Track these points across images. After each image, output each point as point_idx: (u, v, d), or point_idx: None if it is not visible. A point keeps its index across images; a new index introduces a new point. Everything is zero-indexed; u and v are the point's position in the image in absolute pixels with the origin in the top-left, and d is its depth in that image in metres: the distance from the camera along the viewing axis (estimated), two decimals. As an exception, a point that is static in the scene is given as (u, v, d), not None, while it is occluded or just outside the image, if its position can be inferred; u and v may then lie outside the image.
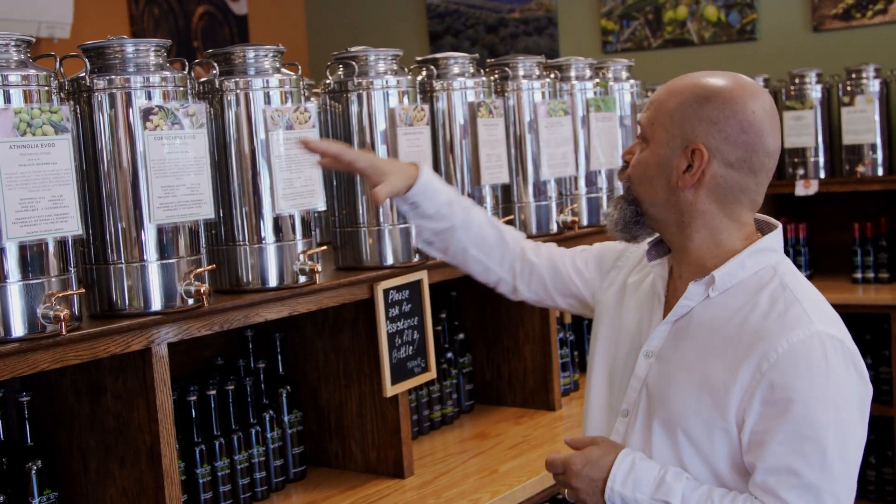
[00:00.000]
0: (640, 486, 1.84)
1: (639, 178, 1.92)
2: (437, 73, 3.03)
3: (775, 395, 1.76)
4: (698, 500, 1.81)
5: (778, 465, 1.76)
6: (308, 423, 2.89)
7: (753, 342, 1.80)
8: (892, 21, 5.25)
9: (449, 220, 2.23)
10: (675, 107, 1.87)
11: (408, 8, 6.76)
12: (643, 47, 5.94)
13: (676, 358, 1.89)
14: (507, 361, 3.38)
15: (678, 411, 1.85)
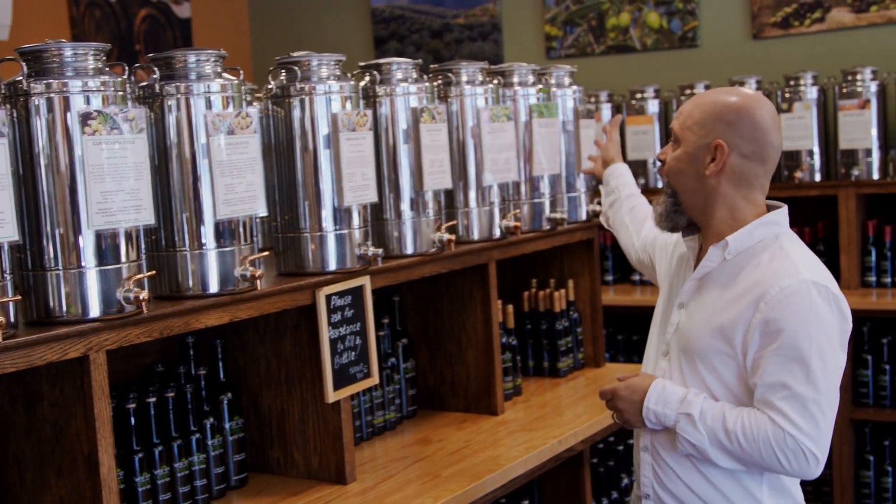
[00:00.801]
0: (669, 404, 2.33)
1: (674, 171, 2.40)
2: (381, 79, 3.03)
3: (769, 328, 2.23)
4: (713, 413, 2.29)
5: (772, 381, 2.22)
6: (249, 430, 2.87)
7: (752, 288, 2.28)
8: (828, 30, 5.34)
9: (619, 193, 3.12)
10: (700, 115, 2.36)
11: (353, 13, 6.75)
12: (586, 53, 5.99)
13: (696, 307, 2.39)
14: (449, 366, 3.39)
15: (698, 348, 2.34)
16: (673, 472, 2.39)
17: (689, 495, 2.38)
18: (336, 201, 2.74)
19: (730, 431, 2.25)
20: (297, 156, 2.73)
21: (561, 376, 3.77)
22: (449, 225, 3.12)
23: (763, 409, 2.24)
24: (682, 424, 2.30)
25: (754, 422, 2.24)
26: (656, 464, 2.42)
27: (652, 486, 2.44)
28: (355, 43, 6.71)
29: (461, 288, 3.32)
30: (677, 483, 2.39)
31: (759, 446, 2.23)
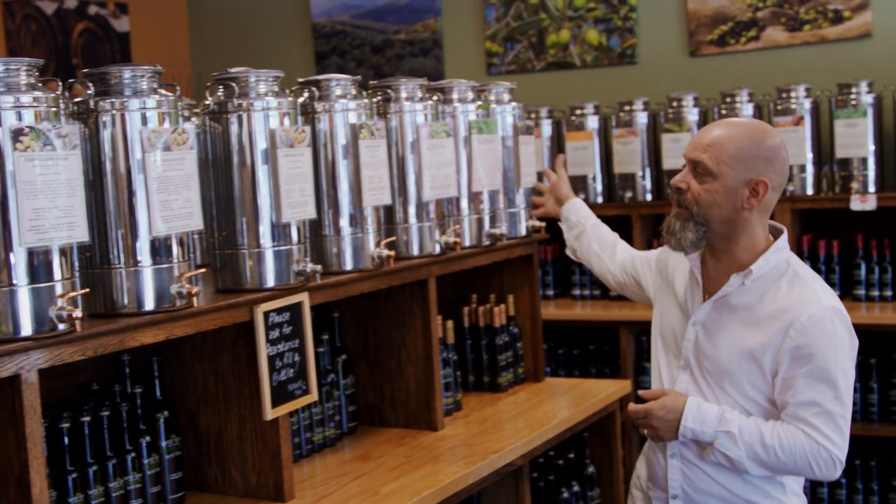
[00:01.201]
0: (707, 422, 2.54)
1: (707, 203, 2.55)
2: (319, 95, 3.03)
3: (800, 353, 2.49)
4: (749, 429, 2.52)
5: (804, 400, 2.49)
6: (186, 448, 2.84)
7: (780, 314, 2.52)
8: (763, 48, 5.44)
9: (583, 226, 3.32)
10: (735, 151, 2.52)
11: (294, 28, 6.74)
12: (527, 70, 6.03)
13: (717, 328, 2.61)
14: (389, 382, 3.39)
15: (725, 366, 2.57)
16: (704, 473, 2.64)
17: (722, 491, 2.63)
18: (274, 217, 2.73)
19: (767, 446, 2.51)
20: (234, 172, 2.72)
21: (501, 391, 3.78)
22: (388, 241, 3.12)
23: (796, 424, 2.51)
24: (721, 441, 2.54)
25: (790, 436, 2.50)
26: (686, 468, 2.66)
27: (682, 488, 2.68)
28: (296, 58, 6.70)
29: (401, 304, 3.33)
30: (709, 483, 2.64)
31: (796, 458, 2.50)
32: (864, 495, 4.88)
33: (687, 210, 2.57)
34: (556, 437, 3.39)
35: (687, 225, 2.57)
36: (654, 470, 2.75)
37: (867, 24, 5.22)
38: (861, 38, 5.25)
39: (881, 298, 4.93)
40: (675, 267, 2.82)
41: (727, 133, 2.55)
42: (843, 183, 4.94)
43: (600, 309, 5.31)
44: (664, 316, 2.80)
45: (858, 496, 4.88)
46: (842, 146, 4.93)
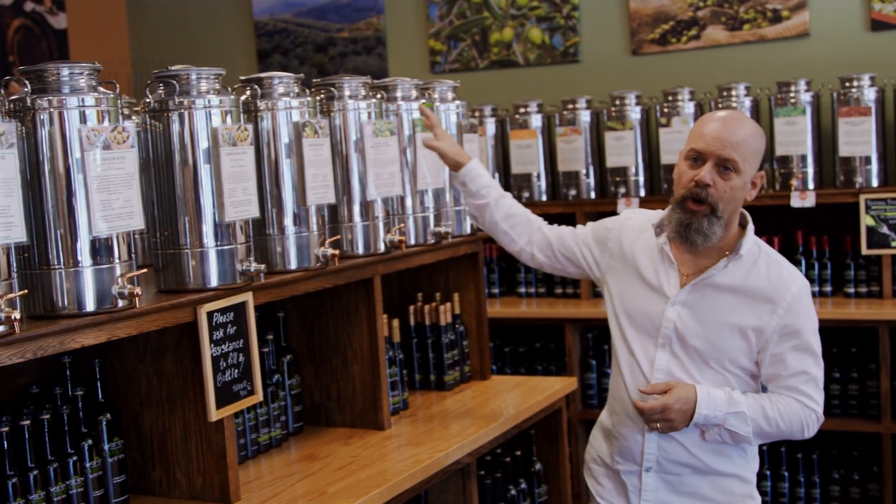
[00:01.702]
0: (718, 406, 2.65)
1: (731, 199, 2.65)
2: (262, 93, 3.00)
3: (788, 329, 2.67)
4: (753, 405, 2.67)
5: (795, 371, 2.68)
6: (130, 451, 2.81)
7: (768, 295, 2.68)
8: (704, 47, 5.49)
9: (485, 198, 3.10)
10: (755, 146, 2.67)
11: (235, 26, 6.68)
12: (471, 68, 6.04)
13: (705, 306, 2.70)
14: (335, 382, 3.37)
15: (716, 343, 2.69)
16: (680, 445, 2.75)
17: (694, 461, 2.75)
18: (217, 217, 2.70)
19: (770, 418, 2.67)
20: (176, 171, 2.68)
21: (447, 389, 3.78)
22: (333, 240, 3.11)
23: (788, 394, 2.70)
24: (731, 421, 2.67)
25: (786, 406, 2.69)
26: (663, 441, 2.75)
27: (656, 460, 2.78)
28: (238, 56, 6.65)
29: (346, 303, 3.31)
30: (683, 454, 2.75)
31: (793, 425, 2.69)
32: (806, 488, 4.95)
33: (709, 206, 2.64)
34: (502, 434, 3.40)
35: (713, 221, 2.65)
36: (626, 444, 2.83)
37: (805, 23, 5.29)
38: (799, 38, 5.33)
39: (821, 294, 5.00)
40: (632, 246, 2.86)
41: (749, 131, 2.67)
42: (783, 180, 5.01)
43: (545, 307, 5.33)
44: (627, 295, 2.84)
45: (800, 489, 4.96)
46: (781, 144, 5.00)
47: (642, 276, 2.81)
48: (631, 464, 2.83)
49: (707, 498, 2.79)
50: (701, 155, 2.66)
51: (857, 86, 4.89)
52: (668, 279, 2.77)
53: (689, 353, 2.73)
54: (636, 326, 2.81)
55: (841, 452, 4.99)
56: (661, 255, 2.79)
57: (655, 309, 2.77)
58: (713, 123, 2.67)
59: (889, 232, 4.76)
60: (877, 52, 5.15)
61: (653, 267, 2.80)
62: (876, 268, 4.88)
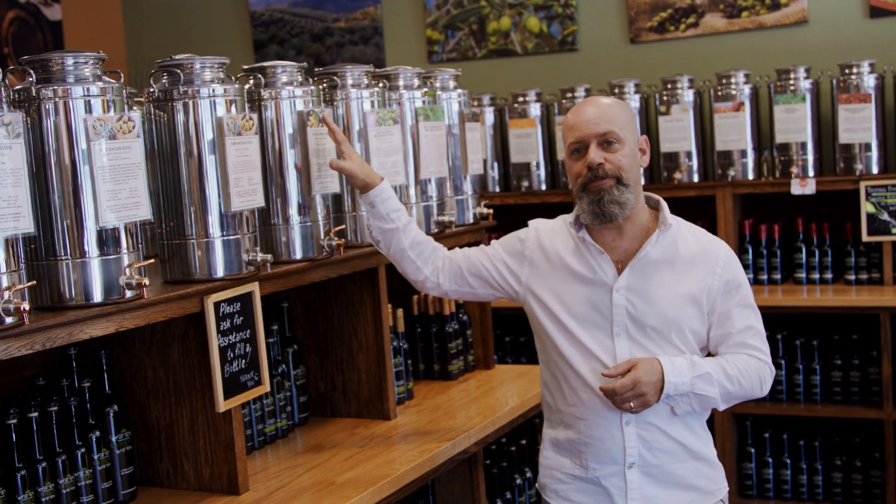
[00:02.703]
0: (683, 372, 2.61)
1: (627, 167, 2.66)
2: (265, 82, 2.99)
3: (730, 285, 2.70)
4: (714, 366, 2.64)
5: (742, 327, 2.70)
6: (137, 443, 2.79)
7: (703, 257, 2.70)
8: (703, 34, 5.48)
9: (394, 223, 2.90)
10: (625, 117, 2.70)
11: (231, 16, 6.65)
12: (468, 57, 6.02)
13: (649, 284, 2.68)
14: (341, 372, 3.36)
15: (672, 317, 2.66)
16: (659, 430, 2.68)
17: (673, 445, 2.70)
18: (223, 207, 2.68)
19: (732, 377, 2.66)
20: (181, 161, 2.66)
21: (452, 379, 3.77)
22: (338, 229, 3.09)
23: (740, 350, 2.70)
24: (699, 385, 2.63)
25: (743, 362, 2.68)
26: (642, 431, 2.68)
27: (638, 454, 2.69)
28: (234, 47, 6.62)
29: (351, 293, 3.30)
30: (663, 439, 2.68)
31: (752, 380, 2.69)
32: (808, 475, 4.95)
33: (612, 178, 2.65)
34: (508, 423, 3.39)
35: (622, 189, 2.65)
36: (603, 446, 2.70)
37: (804, 10, 5.28)
38: (798, 25, 5.31)
39: (821, 281, 5.00)
40: (554, 247, 2.79)
41: (611, 102, 2.72)
42: (783, 168, 5.00)
43: (545, 296, 5.31)
44: (566, 295, 2.74)
45: (803, 476, 4.96)
46: (781, 131, 4.99)
47: (576, 273, 2.74)
48: (612, 465, 2.70)
49: (690, 486, 2.72)
50: (581, 142, 2.67)
51: (856, 72, 4.88)
52: (602, 268, 2.71)
53: (647, 335, 2.67)
54: (585, 323, 2.71)
55: (843, 439, 4.99)
56: (587, 247, 2.73)
57: (601, 299, 2.70)
58: (578, 113, 2.70)
59: (889, 219, 4.75)
60: (876, 39, 5.14)
61: (583, 261, 2.73)
62: (877, 254, 4.88)
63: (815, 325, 5.03)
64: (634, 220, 2.71)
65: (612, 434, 2.69)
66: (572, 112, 2.73)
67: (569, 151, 2.72)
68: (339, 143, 2.94)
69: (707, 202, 5.19)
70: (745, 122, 5.03)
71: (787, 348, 4.96)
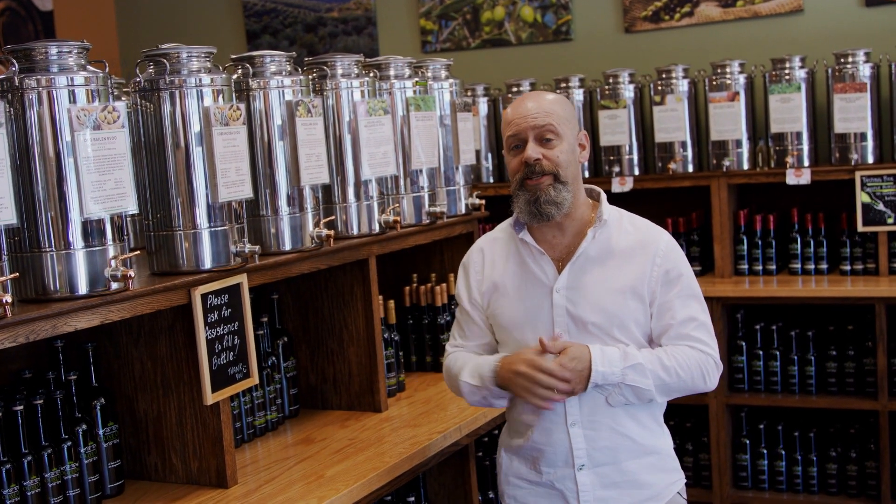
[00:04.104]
0: (614, 362, 2.55)
1: (565, 164, 2.62)
2: (254, 72, 2.96)
3: (670, 275, 2.64)
4: (649, 357, 2.58)
5: (683, 318, 2.63)
6: (125, 436, 2.77)
7: (641, 248, 2.65)
8: (697, 24, 5.45)
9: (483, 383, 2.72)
10: (563, 113, 2.65)
11: (224, 6, 6.62)
12: (462, 47, 5.99)
13: (586, 281, 2.63)
14: (331, 364, 3.34)
15: (613, 311, 2.61)
16: (606, 427, 2.63)
17: (622, 440, 2.64)
18: (210, 198, 2.66)
19: (668, 368, 2.59)
20: (168, 151, 2.64)
21: (444, 371, 3.75)
22: (327, 220, 3.07)
23: (681, 342, 2.63)
24: (630, 376, 2.56)
25: (682, 353, 2.61)
26: (588, 430, 2.63)
27: (587, 454, 2.64)
28: (227, 37, 6.58)
29: (341, 284, 3.28)
30: (610, 436, 2.63)
31: (692, 372, 2.61)
32: (804, 466, 4.92)
33: (550, 175, 2.61)
34: (500, 415, 3.36)
35: (559, 188, 2.61)
36: (552, 448, 2.66)
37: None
38: (793, 14, 5.28)
39: (817, 272, 4.97)
40: (493, 261, 2.75)
41: (551, 98, 2.67)
42: (779, 157, 4.98)
43: (540, 287, 5.29)
44: (506, 307, 2.70)
45: (798, 467, 4.94)
46: (776, 121, 4.96)
47: (517, 278, 2.70)
48: (563, 467, 2.66)
49: (643, 483, 2.66)
50: (518, 137, 2.62)
51: (851, 62, 4.85)
52: (543, 270, 2.67)
53: (589, 331, 2.61)
54: (531, 326, 2.66)
55: (838, 430, 4.97)
56: (527, 249, 2.69)
57: (543, 302, 2.65)
58: (517, 107, 2.66)
59: (885, 209, 4.73)
60: (871, 28, 5.11)
61: (523, 265, 2.69)
62: (872, 245, 4.85)
63: (811, 316, 5.00)
64: (574, 216, 2.67)
65: (559, 437, 2.65)
66: (511, 106, 2.68)
67: (507, 147, 2.67)
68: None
69: (702, 192, 5.16)
70: (740, 112, 5.01)
71: (781, 339, 4.94)
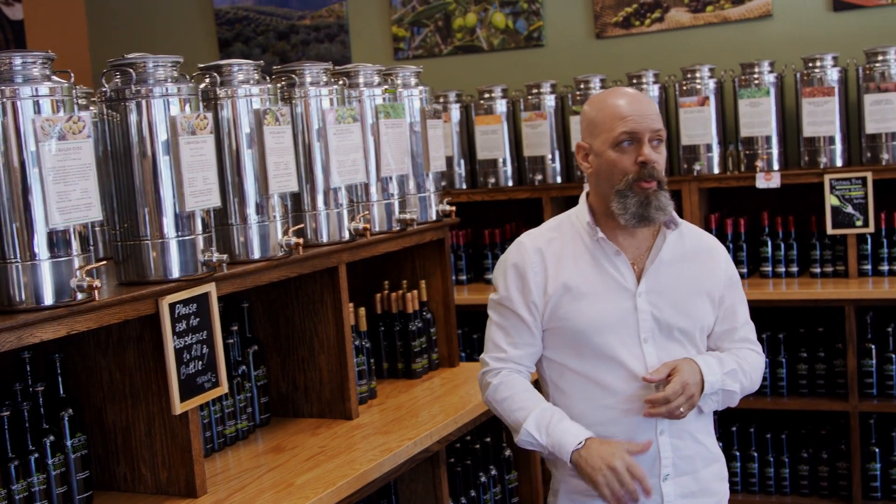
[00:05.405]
0: (714, 370, 2.58)
1: (665, 169, 2.62)
2: (221, 81, 2.96)
3: (732, 279, 2.71)
4: (735, 362, 2.63)
5: (744, 321, 2.72)
6: (94, 447, 2.76)
7: (707, 252, 2.69)
8: (668, 29, 5.48)
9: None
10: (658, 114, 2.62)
11: (195, 14, 6.61)
12: (434, 54, 6.00)
13: (667, 285, 2.62)
14: (302, 372, 3.34)
15: (698, 317, 2.64)
16: (689, 435, 2.63)
17: (699, 448, 2.65)
18: (177, 207, 2.65)
19: (745, 371, 2.65)
20: (134, 161, 2.63)
21: (416, 377, 3.75)
22: (296, 228, 3.07)
23: (743, 345, 2.70)
24: (727, 382, 2.60)
25: (749, 357, 2.69)
26: (676, 437, 2.61)
27: (672, 464, 2.61)
28: (199, 45, 6.57)
29: (311, 292, 3.28)
30: (692, 445, 2.64)
31: (757, 375, 2.71)
32: (776, 467, 4.97)
33: (658, 181, 2.55)
34: (471, 421, 3.38)
35: (664, 194, 2.57)
36: (637, 461, 2.50)
37: (768, 4, 5.29)
38: (762, 19, 5.33)
39: (787, 275, 5.01)
40: (551, 264, 2.63)
41: (645, 97, 2.63)
42: (748, 161, 5.01)
43: (513, 292, 5.31)
44: (584, 310, 2.59)
45: (770, 469, 4.98)
46: (746, 125, 5.00)
47: (592, 281, 2.60)
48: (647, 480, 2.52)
49: (714, 492, 2.67)
50: (634, 134, 2.53)
51: (820, 66, 4.90)
52: (620, 272, 2.60)
53: (674, 338, 2.59)
54: (614, 331, 2.58)
55: (809, 431, 5.01)
56: (601, 249, 2.61)
57: (625, 306, 2.58)
58: (631, 102, 2.56)
59: (854, 211, 4.77)
60: (839, 33, 5.16)
61: (597, 266, 2.61)
62: (841, 247, 4.90)
63: (782, 319, 5.04)
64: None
65: (648, 450, 2.56)
66: (617, 100, 2.57)
67: (613, 142, 2.54)
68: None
69: (673, 196, 5.11)
70: (710, 117, 5.04)
71: (753, 342, 4.97)
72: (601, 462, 2.45)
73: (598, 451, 2.47)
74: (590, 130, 2.62)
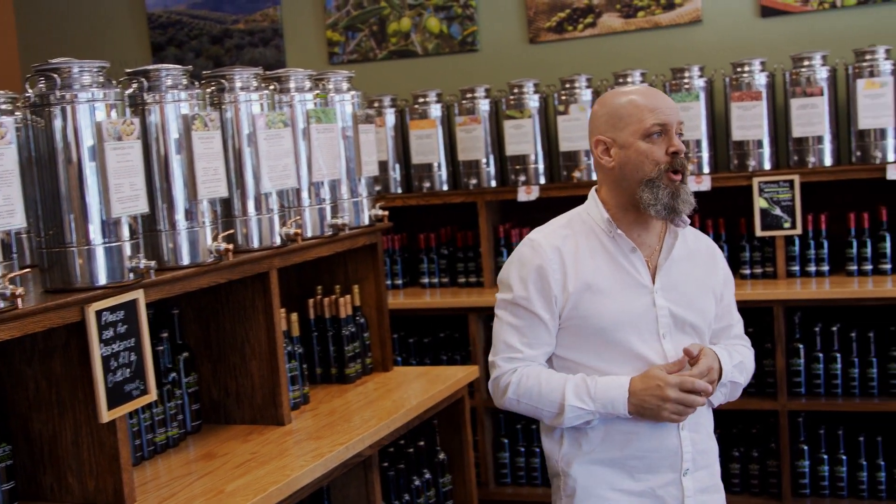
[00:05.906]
0: (726, 360, 2.65)
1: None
2: (149, 86, 2.94)
3: (728, 277, 2.79)
4: (735, 355, 2.70)
5: (737, 318, 2.82)
6: (19, 457, 2.73)
7: (709, 251, 2.78)
8: (600, 34, 5.54)
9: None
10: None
11: (127, 18, 6.54)
12: (369, 59, 6.00)
13: (679, 282, 2.66)
14: (234, 378, 3.32)
15: (705, 310, 2.70)
16: (706, 430, 2.70)
17: (710, 442, 2.72)
18: (104, 213, 2.63)
19: (744, 365, 2.73)
20: (59, 167, 2.61)
21: (349, 382, 3.75)
22: (226, 234, 3.06)
23: (737, 342, 2.79)
24: (735, 374, 2.68)
25: (745, 353, 2.77)
26: (695, 431, 2.65)
27: (692, 458, 2.64)
28: (132, 50, 6.51)
29: (242, 298, 3.26)
30: (706, 440, 2.69)
31: (750, 370, 2.77)
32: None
33: (683, 173, 2.57)
34: (404, 425, 3.39)
35: (687, 187, 2.59)
36: (657, 457, 2.59)
37: (697, 10, 5.37)
38: (692, 24, 5.40)
39: (718, 276, 5.08)
40: (569, 262, 2.61)
41: (661, 93, 2.64)
42: (679, 165, 5.07)
43: (449, 296, 5.33)
44: (605, 308, 2.59)
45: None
46: (677, 129, 5.06)
47: (610, 278, 2.60)
48: (667, 472, 2.60)
49: (720, 488, 2.73)
50: (665, 125, 2.55)
51: (748, 71, 4.98)
52: (635, 268, 2.62)
53: (686, 332, 2.64)
54: (634, 328, 2.59)
55: (740, 430, 5.09)
56: (617, 245, 2.61)
57: (644, 302, 2.60)
58: (655, 96, 2.58)
59: (782, 214, 4.86)
60: (767, 38, 5.25)
61: (614, 263, 2.61)
62: (770, 249, 4.98)
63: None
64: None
65: (670, 442, 2.60)
66: (641, 94, 2.58)
67: (644, 133, 2.54)
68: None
69: (606, 200, 5.22)
70: (641, 121, 5.09)
71: (685, 343, 5.04)
72: (656, 401, 2.52)
73: (647, 393, 2.53)
74: (612, 124, 2.59)
